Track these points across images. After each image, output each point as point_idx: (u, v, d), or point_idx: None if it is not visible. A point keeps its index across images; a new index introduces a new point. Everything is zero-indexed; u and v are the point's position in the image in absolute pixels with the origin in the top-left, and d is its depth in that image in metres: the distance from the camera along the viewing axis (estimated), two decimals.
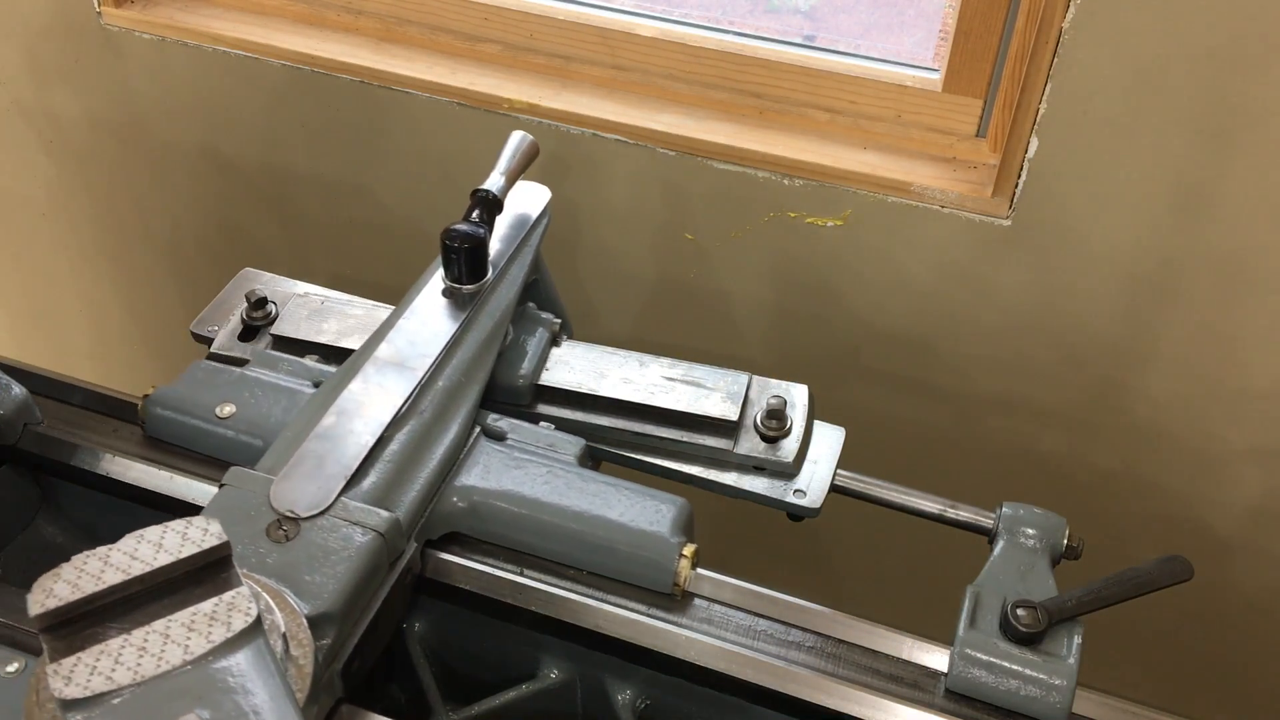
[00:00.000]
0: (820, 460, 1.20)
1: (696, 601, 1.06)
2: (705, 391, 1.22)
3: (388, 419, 1.09)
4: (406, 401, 1.11)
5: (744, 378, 1.24)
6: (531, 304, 1.33)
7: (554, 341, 1.28)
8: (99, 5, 1.94)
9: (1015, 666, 0.98)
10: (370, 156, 1.93)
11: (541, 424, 1.20)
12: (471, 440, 1.13)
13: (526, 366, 1.24)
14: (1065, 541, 1.10)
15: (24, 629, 1.02)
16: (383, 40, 1.87)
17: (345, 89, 1.84)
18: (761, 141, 1.65)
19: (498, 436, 1.17)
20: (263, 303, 1.34)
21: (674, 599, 1.06)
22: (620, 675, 1.09)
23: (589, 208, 1.82)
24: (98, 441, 1.19)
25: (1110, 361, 1.65)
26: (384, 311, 1.33)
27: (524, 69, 1.80)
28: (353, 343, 1.28)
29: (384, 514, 1.00)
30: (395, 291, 2.07)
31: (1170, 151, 1.43)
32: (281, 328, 1.31)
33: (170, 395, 1.18)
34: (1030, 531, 1.11)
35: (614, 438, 1.22)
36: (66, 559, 1.05)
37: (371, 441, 1.06)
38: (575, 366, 1.26)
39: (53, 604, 0.73)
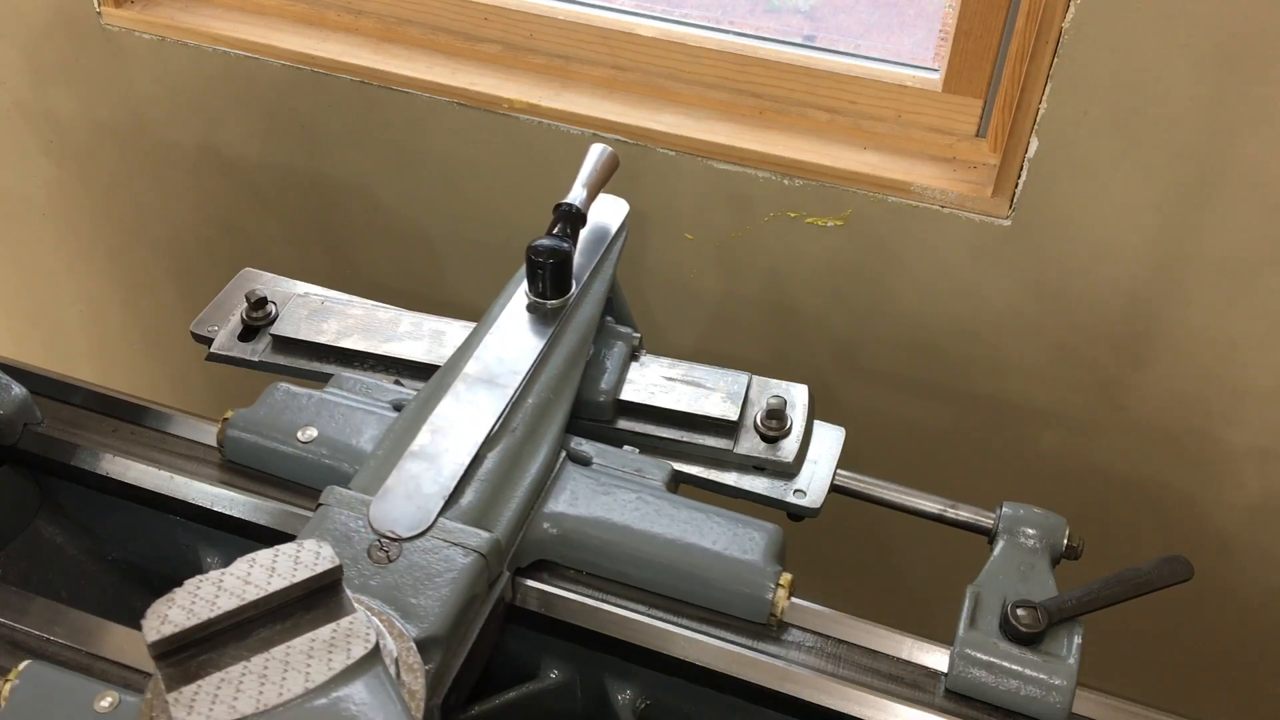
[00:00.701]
0: (820, 460, 1.20)
1: (792, 631, 1.04)
2: (705, 391, 1.22)
3: (482, 437, 1.07)
4: (499, 419, 1.09)
5: (744, 377, 1.24)
6: (609, 318, 1.30)
7: (633, 355, 1.26)
8: (99, 5, 1.94)
9: (1015, 666, 0.98)
10: (370, 156, 1.93)
11: (626, 448, 1.18)
12: (558, 466, 1.11)
13: (607, 381, 1.21)
14: (1065, 541, 1.10)
15: (24, 629, 1.02)
16: (383, 40, 1.87)
17: (345, 89, 1.84)
18: (761, 141, 1.65)
19: (583, 461, 1.14)
20: (263, 303, 1.33)
21: (770, 629, 1.03)
22: (620, 675, 1.09)
23: None
24: (98, 441, 1.19)
25: (1110, 361, 1.65)
26: (384, 311, 1.33)
27: (524, 69, 1.80)
28: (353, 343, 1.28)
29: (485, 534, 0.97)
30: (396, 291, 2.08)
31: (1170, 151, 1.43)
32: (281, 328, 1.31)
33: (250, 419, 1.15)
34: (1030, 531, 1.11)
35: (614, 437, 1.22)
36: (66, 559, 1.04)
37: (467, 460, 1.04)
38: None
39: (169, 630, 0.71)
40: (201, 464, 1.17)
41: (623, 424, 1.22)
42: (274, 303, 1.34)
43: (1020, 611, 1.00)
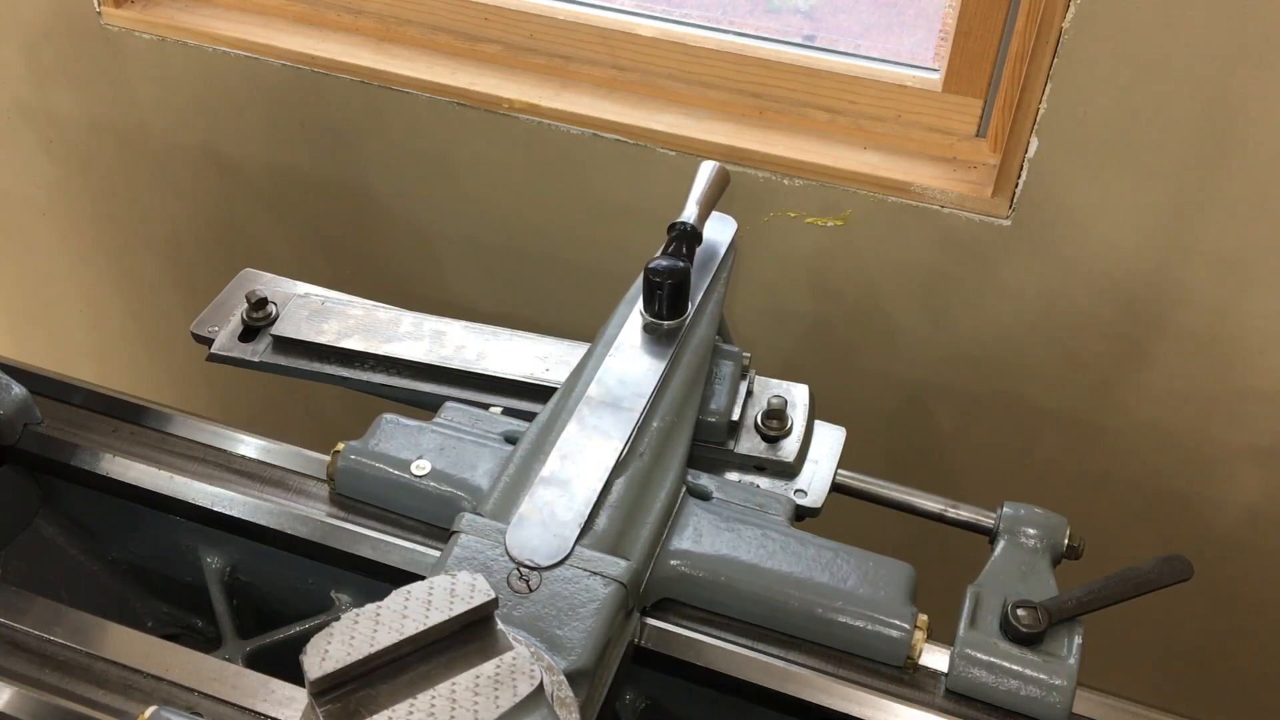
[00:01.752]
0: (821, 460, 1.20)
1: (927, 674, 1.01)
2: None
3: (612, 462, 1.04)
4: (627, 443, 1.06)
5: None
6: (718, 337, 1.27)
7: (742, 375, 1.23)
8: (99, 5, 1.94)
9: (1015, 666, 0.98)
10: (370, 156, 1.93)
11: (744, 480, 1.16)
12: (679, 500, 1.08)
13: (719, 403, 1.19)
14: (1066, 541, 1.10)
15: (24, 629, 1.02)
16: (383, 40, 1.87)
17: (345, 89, 1.84)
18: (761, 141, 1.65)
19: (703, 495, 1.11)
20: (263, 303, 1.33)
21: (907, 672, 1.00)
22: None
23: (589, 208, 1.82)
24: (98, 441, 1.19)
25: (1110, 361, 1.65)
26: (384, 312, 1.33)
27: (524, 69, 1.80)
28: (354, 343, 1.28)
29: (623, 562, 0.95)
30: (396, 291, 2.08)
31: (1170, 151, 1.43)
32: (282, 328, 1.31)
33: (363, 451, 1.12)
34: (1031, 531, 1.11)
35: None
36: (67, 559, 1.04)
37: (600, 486, 1.02)
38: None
39: (330, 667, 0.70)
40: (202, 464, 1.17)
41: (735, 446, 1.18)
42: (274, 303, 1.34)
43: (1020, 611, 1.00)
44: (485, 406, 1.22)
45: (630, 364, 1.15)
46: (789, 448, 1.18)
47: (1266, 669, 1.88)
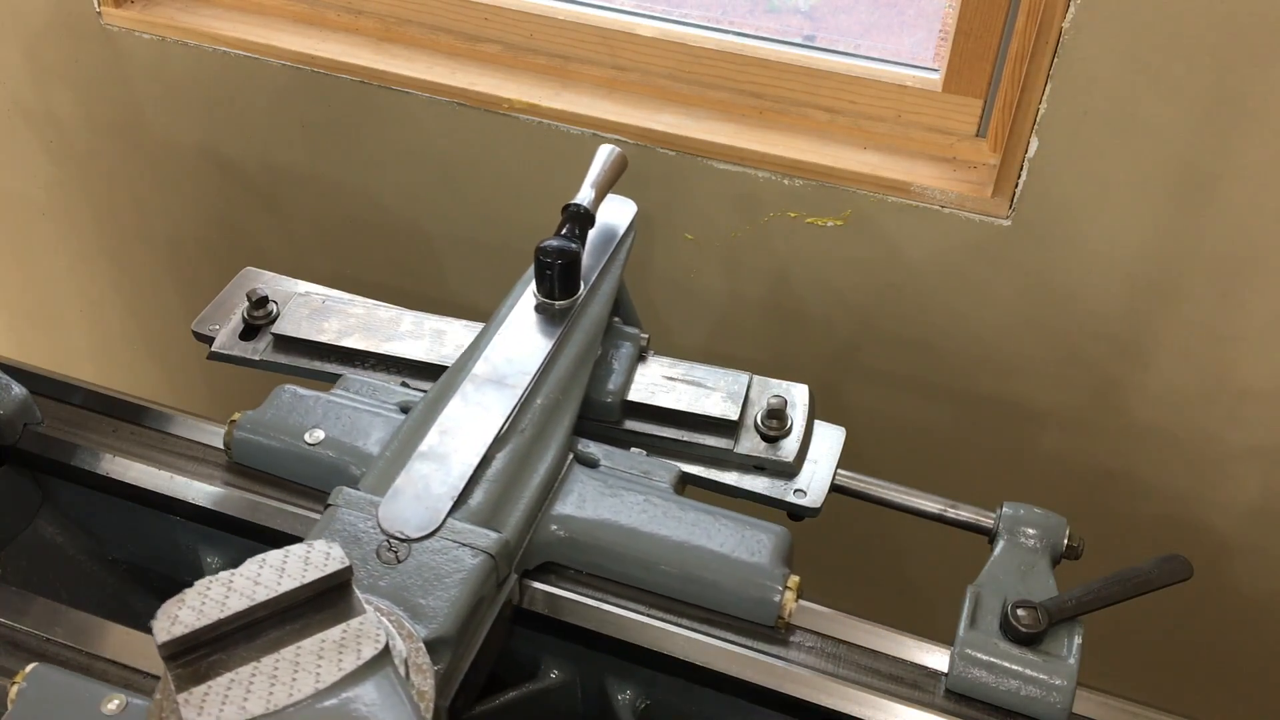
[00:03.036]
0: (820, 460, 1.20)
1: (798, 634, 1.04)
2: (706, 391, 1.22)
3: (490, 437, 1.07)
4: (508, 419, 1.09)
5: (745, 377, 1.24)
6: (616, 319, 1.30)
7: (640, 356, 1.26)
8: (99, 5, 1.94)
9: (1015, 666, 0.98)
10: (370, 156, 1.93)
11: (633, 450, 1.18)
12: (565, 467, 1.11)
13: (615, 382, 1.22)
14: (1065, 541, 1.10)
15: (24, 629, 1.02)
16: (383, 40, 1.87)
17: (345, 89, 1.84)
18: (761, 141, 1.65)
19: (590, 463, 1.14)
20: (264, 301, 1.34)
21: (778, 631, 1.03)
22: (620, 675, 1.09)
23: None
24: (98, 441, 1.19)
25: (1110, 361, 1.65)
26: (385, 310, 1.33)
27: (524, 69, 1.80)
28: (354, 342, 1.28)
29: (494, 535, 0.98)
30: (396, 291, 2.08)
31: (1170, 151, 1.43)
32: (283, 327, 1.31)
33: (258, 421, 1.15)
34: (1030, 531, 1.11)
35: (614, 437, 1.22)
36: (66, 559, 1.04)
37: (476, 461, 1.04)
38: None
39: (179, 631, 0.71)
40: (202, 464, 1.17)
41: (630, 425, 1.21)
42: (275, 302, 1.34)
43: (1020, 611, 1.00)
44: None
45: (518, 343, 1.18)
46: (789, 448, 1.19)
47: (1266, 669, 1.88)
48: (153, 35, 1.93)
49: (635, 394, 1.22)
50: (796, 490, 1.17)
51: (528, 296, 1.24)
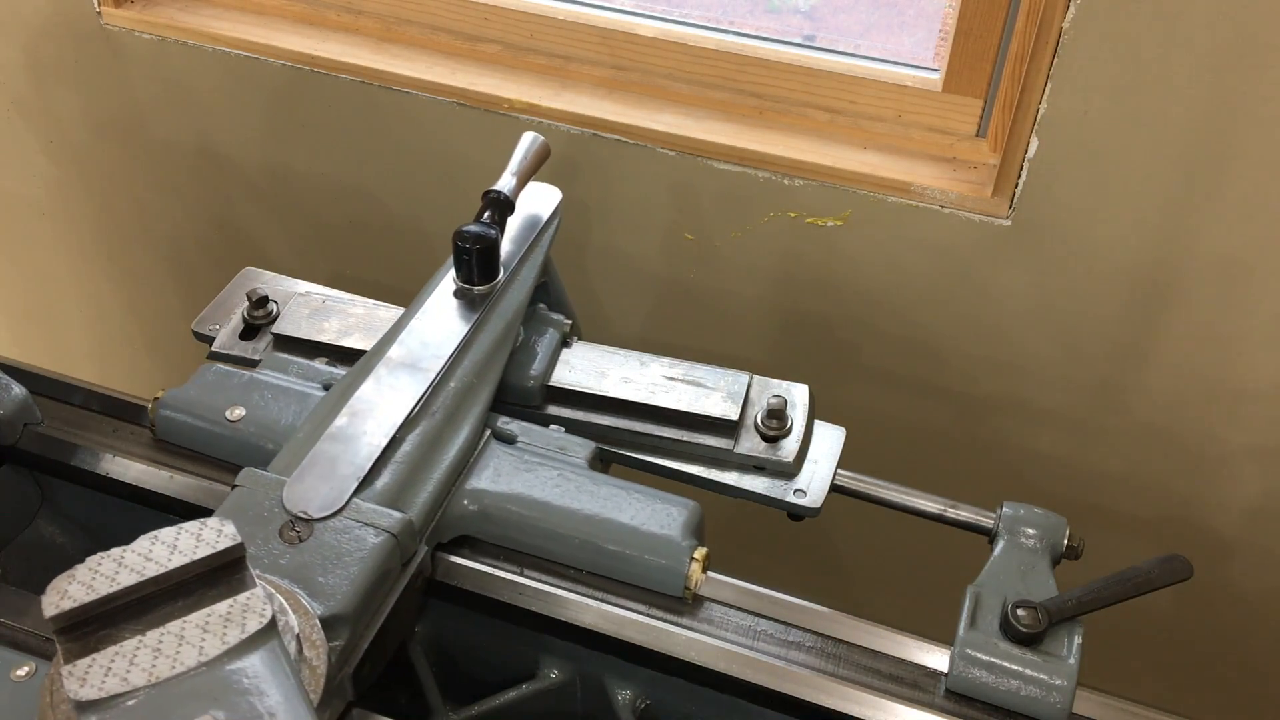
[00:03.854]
0: (820, 460, 1.20)
1: (706, 605, 1.06)
2: (706, 391, 1.22)
3: (400, 420, 1.09)
4: (419, 402, 1.11)
5: (745, 377, 1.24)
6: (542, 305, 1.33)
7: (564, 342, 1.28)
8: (99, 5, 1.94)
9: (1015, 666, 0.98)
10: (370, 156, 1.93)
11: (552, 427, 1.20)
12: (482, 443, 1.13)
13: (537, 367, 1.24)
14: (1065, 541, 1.10)
15: (24, 629, 1.02)
16: (383, 40, 1.87)
17: (345, 89, 1.84)
18: (761, 141, 1.65)
19: (508, 440, 1.16)
20: (264, 301, 1.34)
21: (684, 602, 1.05)
22: (620, 675, 1.10)
23: (589, 208, 1.82)
24: (98, 441, 1.19)
25: (1110, 361, 1.65)
26: (385, 310, 1.34)
27: (524, 69, 1.80)
28: (354, 341, 1.28)
29: (397, 515, 0.99)
30: (395, 291, 2.07)
31: (1170, 151, 1.43)
32: (283, 326, 1.31)
33: (180, 398, 1.18)
34: (1030, 531, 1.11)
35: (615, 437, 1.22)
36: (66, 559, 1.04)
37: (384, 442, 1.06)
38: (578, 367, 1.26)
39: (67, 605, 0.73)
40: (202, 464, 1.17)
41: (552, 410, 1.24)
42: (275, 301, 1.34)
43: (1020, 611, 1.00)
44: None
45: (435, 327, 1.20)
46: (788, 448, 1.19)
47: (1266, 669, 1.88)
48: (152, 35, 1.93)
49: (636, 394, 1.22)
50: (796, 490, 1.17)
51: (447, 282, 1.26)
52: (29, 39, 2.05)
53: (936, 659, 1.02)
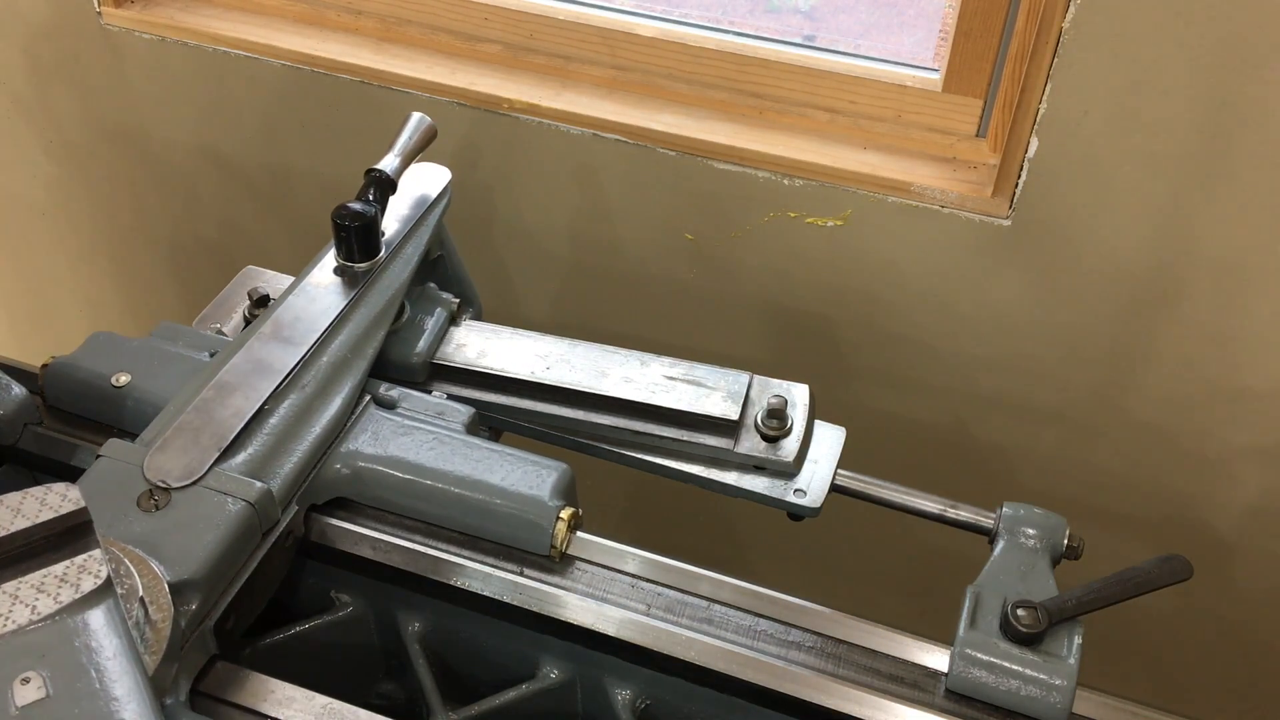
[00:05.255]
0: (820, 460, 1.20)
1: (577, 564, 1.09)
2: (706, 391, 1.22)
3: (267, 392, 1.11)
4: (288, 376, 1.14)
5: (745, 377, 1.24)
6: (432, 284, 1.36)
7: (452, 320, 1.31)
8: (99, 5, 1.94)
9: (1015, 666, 0.98)
10: (370, 157, 1.92)
11: (434, 394, 1.23)
12: (361, 408, 1.16)
13: (423, 345, 1.26)
14: (1065, 541, 1.10)
15: None
16: (383, 40, 1.87)
17: (345, 89, 1.84)
18: (761, 141, 1.65)
19: (389, 405, 1.19)
20: (265, 300, 1.34)
21: (553, 561, 1.08)
22: (620, 675, 1.09)
23: (589, 208, 1.82)
24: (98, 441, 1.19)
25: (1110, 361, 1.65)
26: None
27: (524, 69, 1.80)
28: None
29: (256, 484, 1.02)
30: None
31: (1170, 151, 1.43)
32: None
33: (68, 363, 1.20)
34: (1030, 531, 1.11)
35: (615, 437, 1.22)
36: None
37: (250, 413, 1.09)
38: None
39: None
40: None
41: (435, 386, 1.26)
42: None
43: (1020, 611, 1.00)
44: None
45: (312, 303, 1.23)
46: (789, 448, 1.18)
47: (1266, 669, 1.88)
48: (153, 35, 1.93)
49: (636, 394, 1.22)
50: (796, 490, 1.17)
51: (329, 259, 1.29)
52: (29, 39, 2.05)
53: (936, 659, 1.02)
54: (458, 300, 1.33)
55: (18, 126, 2.21)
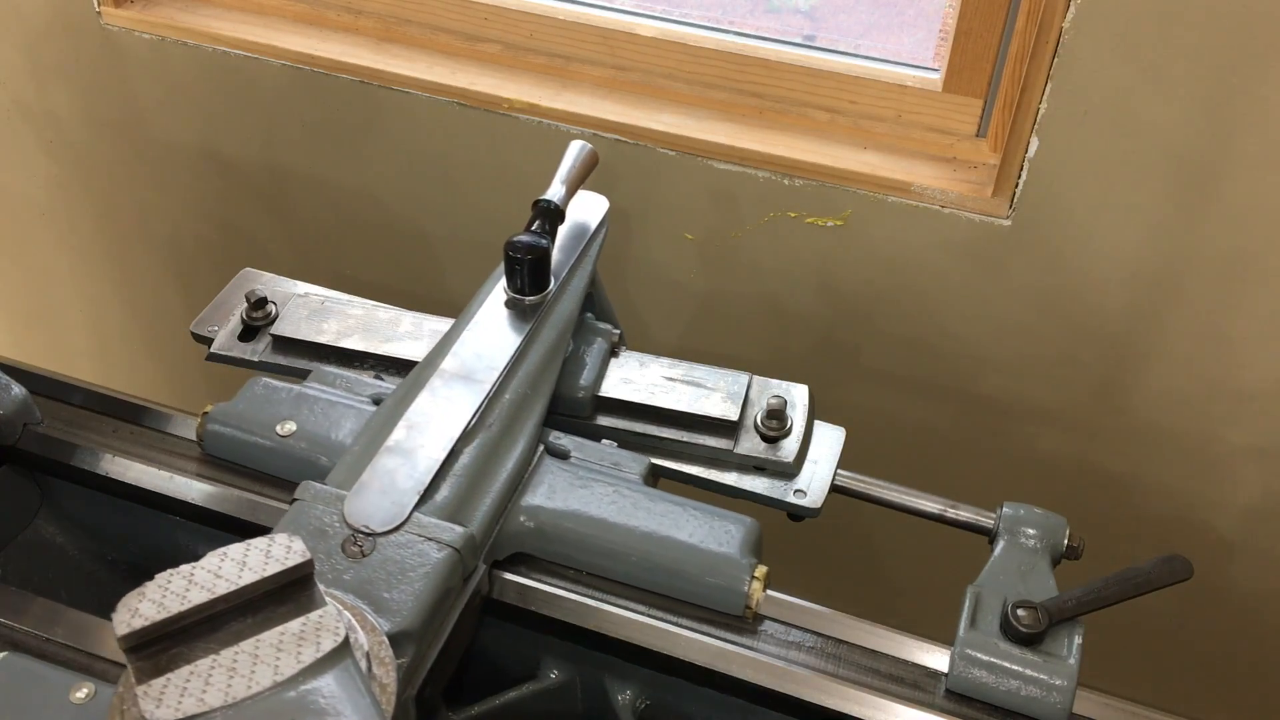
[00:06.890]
0: (820, 460, 1.20)
1: (766, 624, 1.04)
2: (706, 391, 1.22)
3: (457, 433, 1.07)
4: (475, 415, 1.09)
5: (744, 378, 1.24)
6: (590, 315, 1.31)
7: (613, 352, 1.27)
8: (99, 5, 1.94)
9: (1016, 667, 0.98)
10: (370, 156, 1.93)
11: (604, 442, 1.18)
12: (536, 459, 1.12)
13: (586, 378, 1.22)
14: (1065, 541, 1.10)
15: (22, 629, 1.02)
16: (383, 40, 1.87)
17: (345, 89, 1.84)
18: (761, 141, 1.65)
19: (562, 455, 1.15)
20: (263, 303, 1.33)
21: (744, 621, 1.04)
22: (620, 675, 1.09)
23: None
24: (98, 441, 1.19)
25: (1110, 361, 1.65)
26: (384, 311, 1.33)
27: (524, 69, 1.80)
28: (353, 343, 1.28)
29: (459, 529, 0.98)
30: (395, 291, 2.08)
31: (1170, 151, 1.43)
32: (281, 328, 1.31)
33: (229, 413, 1.16)
34: (1030, 531, 1.11)
35: (614, 437, 1.22)
36: (66, 559, 1.04)
37: (442, 456, 1.04)
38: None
39: (139, 624, 0.72)
40: (202, 464, 1.17)
41: (601, 420, 1.22)
42: (274, 303, 1.34)
43: (1020, 611, 1.00)
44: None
45: (488, 338, 1.19)
46: (788, 448, 1.18)
47: (1266, 669, 1.88)
48: (152, 35, 1.93)
49: (635, 395, 1.22)
50: (796, 490, 1.17)
51: (498, 292, 1.25)
52: (29, 39, 2.05)
53: (936, 659, 1.02)
54: (619, 331, 1.29)
55: (18, 126, 2.21)
